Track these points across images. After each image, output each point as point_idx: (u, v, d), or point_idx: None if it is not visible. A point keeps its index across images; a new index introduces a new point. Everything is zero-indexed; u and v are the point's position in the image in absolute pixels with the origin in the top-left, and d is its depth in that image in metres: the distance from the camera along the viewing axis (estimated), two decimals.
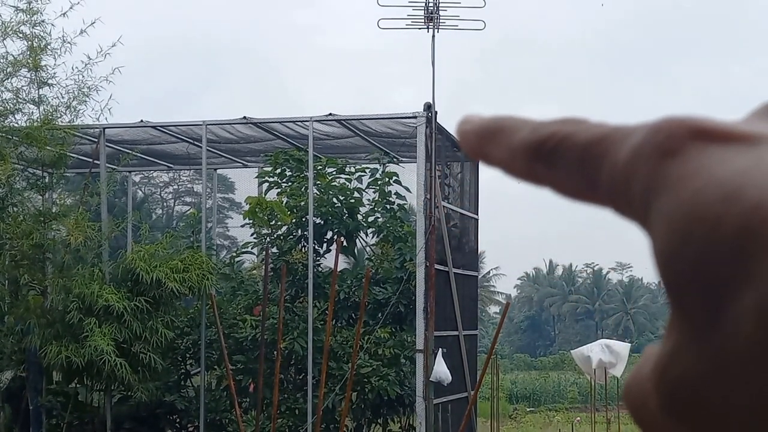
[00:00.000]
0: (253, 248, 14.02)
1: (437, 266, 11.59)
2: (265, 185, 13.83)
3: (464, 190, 13.36)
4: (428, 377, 11.27)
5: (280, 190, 13.51)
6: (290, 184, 13.44)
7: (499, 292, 64.75)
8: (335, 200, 13.28)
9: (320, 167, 13.31)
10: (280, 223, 13.17)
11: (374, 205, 13.59)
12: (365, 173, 13.64)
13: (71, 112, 11.76)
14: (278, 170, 13.49)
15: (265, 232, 13.41)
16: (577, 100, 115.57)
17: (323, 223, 13.19)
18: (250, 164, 14.96)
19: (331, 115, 12.28)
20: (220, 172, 16.58)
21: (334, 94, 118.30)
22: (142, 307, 11.58)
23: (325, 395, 10.71)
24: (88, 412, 12.78)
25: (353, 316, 12.65)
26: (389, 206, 13.47)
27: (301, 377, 12.89)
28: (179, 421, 13.51)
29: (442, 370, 11.28)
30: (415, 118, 11.61)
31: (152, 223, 29.48)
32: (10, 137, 11.51)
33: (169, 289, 11.65)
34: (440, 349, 11.48)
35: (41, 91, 11.73)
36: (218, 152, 14.13)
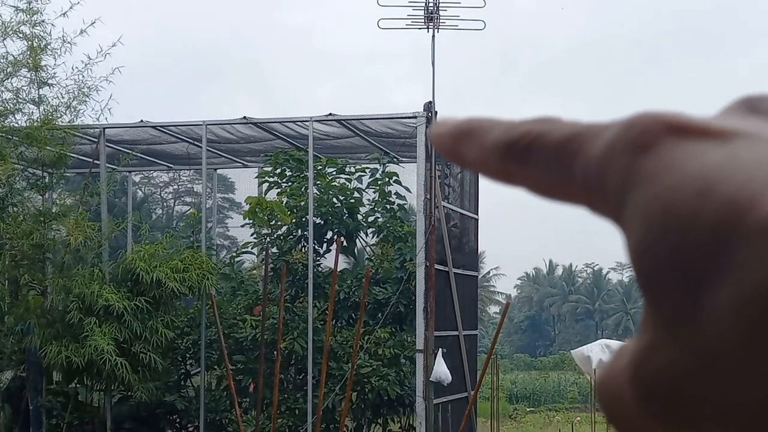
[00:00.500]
0: (253, 248, 14.03)
1: (437, 266, 11.59)
2: (265, 185, 13.83)
3: (464, 190, 13.36)
4: (428, 377, 11.27)
5: (280, 190, 13.51)
6: (290, 184, 13.44)
7: (499, 292, 64.76)
8: (335, 200, 13.28)
9: (320, 167, 13.31)
10: (280, 223, 13.17)
11: (374, 205, 13.59)
12: (365, 173, 13.64)
13: (71, 112, 11.77)
14: (278, 170, 13.49)
15: (265, 232, 13.42)
16: (577, 100, 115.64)
17: (323, 223, 13.19)
18: (250, 164, 14.96)
19: (331, 115, 12.28)
20: (220, 172, 16.58)
21: (334, 94, 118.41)
22: (142, 307, 11.58)
23: (325, 395, 10.71)
24: (88, 412, 12.78)
25: (353, 316, 12.65)
26: (389, 206, 13.47)
27: (301, 377, 12.89)
28: (179, 421, 13.51)
29: (442, 370, 11.28)
30: (415, 118, 11.62)
31: (152, 223, 29.50)
32: (10, 137, 11.52)
33: (169, 289, 11.65)
34: (440, 349, 11.47)
35: (41, 91, 11.75)
36: (218, 152, 14.14)
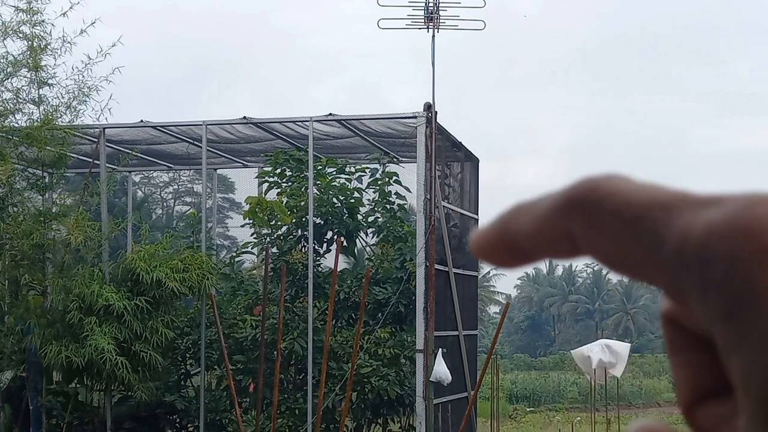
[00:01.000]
0: (253, 248, 14.02)
1: (437, 266, 11.59)
2: (265, 185, 13.82)
3: (464, 190, 13.36)
4: (428, 377, 11.27)
5: (280, 190, 13.51)
6: (290, 184, 13.44)
7: (499, 292, 64.67)
8: (335, 200, 13.28)
9: (320, 167, 13.31)
10: (280, 223, 13.17)
11: (374, 205, 13.58)
12: (365, 173, 13.63)
13: (71, 112, 11.77)
14: (278, 170, 13.48)
15: (265, 232, 13.42)
16: (577, 100, 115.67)
17: (323, 223, 13.18)
18: (250, 164, 14.96)
19: (331, 115, 12.28)
20: (220, 172, 16.58)
21: (334, 94, 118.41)
22: (142, 306, 11.58)
23: (325, 395, 10.71)
24: (88, 412, 12.78)
25: (353, 316, 12.65)
26: (389, 206, 13.47)
27: (301, 377, 12.89)
28: (179, 421, 13.51)
29: (442, 370, 11.27)
30: (415, 118, 11.61)
31: (152, 223, 29.52)
32: (10, 137, 11.52)
33: (169, 288, 11.64)
34: (440, 349, 11.47)
35: (41, 91, 11.75)
36: (218, 152, 14.14)
